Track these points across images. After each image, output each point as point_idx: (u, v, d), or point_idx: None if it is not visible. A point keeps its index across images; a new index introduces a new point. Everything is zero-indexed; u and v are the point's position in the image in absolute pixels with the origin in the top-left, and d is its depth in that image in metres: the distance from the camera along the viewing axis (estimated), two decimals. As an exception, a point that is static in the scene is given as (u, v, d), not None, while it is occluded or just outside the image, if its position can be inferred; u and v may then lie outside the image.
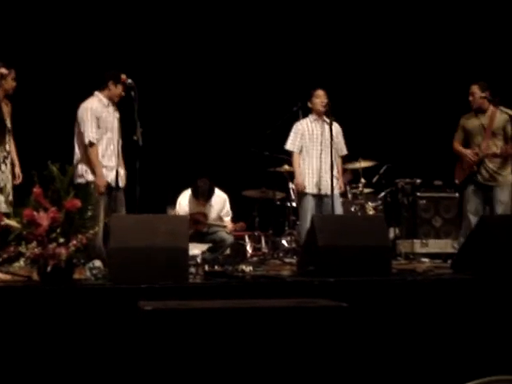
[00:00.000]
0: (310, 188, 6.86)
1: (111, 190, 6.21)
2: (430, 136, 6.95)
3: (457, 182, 6.90)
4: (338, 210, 6.83)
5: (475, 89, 6.74)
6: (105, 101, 6.24)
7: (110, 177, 6.19)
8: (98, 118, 6.14)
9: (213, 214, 7.39)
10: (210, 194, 7.21)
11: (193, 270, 5.20)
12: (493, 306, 4.45)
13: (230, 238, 7.33)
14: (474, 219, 6.51)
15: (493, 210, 6.61)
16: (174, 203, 7.59)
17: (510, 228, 5.09)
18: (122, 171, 6.29)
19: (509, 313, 4.42)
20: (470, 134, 6.80)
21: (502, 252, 4.85)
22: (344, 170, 7.63)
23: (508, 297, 4.51)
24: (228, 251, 7.57)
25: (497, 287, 4.57)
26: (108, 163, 6.19)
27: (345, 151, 7.14)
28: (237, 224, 7.52)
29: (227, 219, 7.47)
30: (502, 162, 6.67)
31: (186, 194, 7.38)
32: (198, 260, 6.18)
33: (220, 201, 7.43)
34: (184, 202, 7.32)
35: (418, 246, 8.65)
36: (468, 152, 6.71)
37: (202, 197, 7.19)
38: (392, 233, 8.97)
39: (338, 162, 7.02)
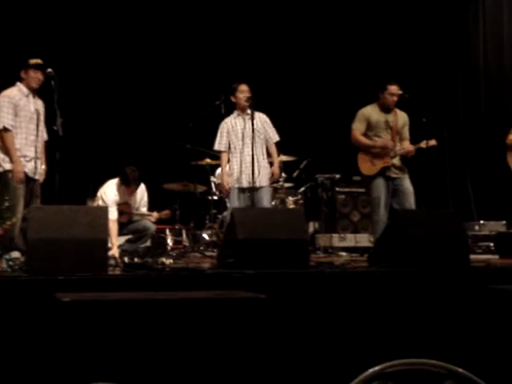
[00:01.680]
0: (238, 182, 6.90)
1: (29, 180, 6.10)
2: (349, 132, 7.07)
3: (365, 173, 6.97)
4: (267, 203, 6.91)
5: (395, 89, 6.89)
6: (25, 90, 6.17)
7: (28, 167, 6.08)
8: (16, 105, 6.06)
9: (136, 203, 7.35)
10: (140, 180, 7.16)
11: (112, 261, 5.17)
12: (406, 297, 4.60)
13: (152, 227, 7.30)
14: (385, 212, 6.68)
15: (403, 199, 6.74)
16: (93, 195, 7.50)
17: (422, 221, 5.27)
18: (41, 165, 6.21)
19: (420, 304, 4.57)
20: (375, 127, 6.88)
21: (415, 245, 5.01)
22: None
23: (420, 289, 4.67)
24: (148, 243, 7.54)
25: (410, 279, 4.72)
26: (26, 153, 6.08)
27: (276, 138, 7.08)
28: (162, 212, 7.44)
29: (144, 209, 7.40)
30: (402, 159, 6.90)
31: (111, 184, 7.24)
32: (116, 254, 6.14)
33: (141, 191, 7.39)
34: (111, 192, 7.17)
35: (336, 240, 8.82)
36: (388, 144, 6.80)
37: (134, 183, 7.09)
38: (311, 227, 9.12)
39: (272, 150, 7.05)
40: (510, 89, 10.20)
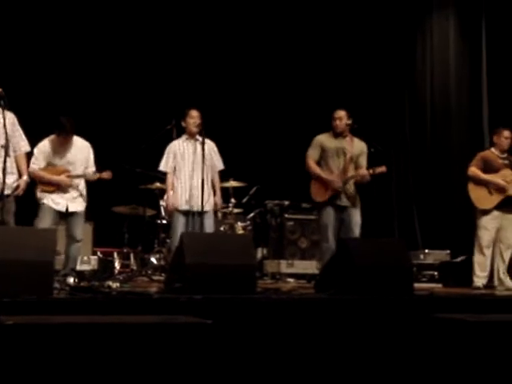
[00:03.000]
0: (182, 206, 6.90)
1: None
2: (299, 160, 7.15)
3: (315, 199, 6.97)
4: (210, 228, 6.90)
5: (343, 114, 6.96)
6: None
7: None
8: None
9: (78, 164, 6.77)
10: (74, 127, 6.66)
11: (57, 285, 5.12)
12: (350, 324, 4.65)
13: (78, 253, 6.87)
14: (333, 241, 6.72)
15: (348, 231, 6.79)
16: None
17: (368, 249, 5.35)
18: (16, 178, 6.04)
19: (364, 331, 4.63)
20: (329, 154, 6.88)
21: (361, 272, 5.09)
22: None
23: (365, 316, 4.73)
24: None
25: (355, 307, 4.79)
26: None
27: (221, 166, 7.11)
28: (103, 173, 6.84)
29: (92, 169, 6.88)
30: (355, 187, 6.94)
31: (45, 140, 6.75)
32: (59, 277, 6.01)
33: (84, 148, 6.87)
34: (43, 145, 6.69)
35: (284, 267, 8.86)
36: (333, 178, 6.84)
37: (72, 130, 6.60)
38: (260, 253, 9.16)
39: (215, 179, 7.07)
40: (455, 121, 10.44)
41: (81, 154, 6.83)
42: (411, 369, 4.49)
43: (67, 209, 6.65)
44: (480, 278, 7.02)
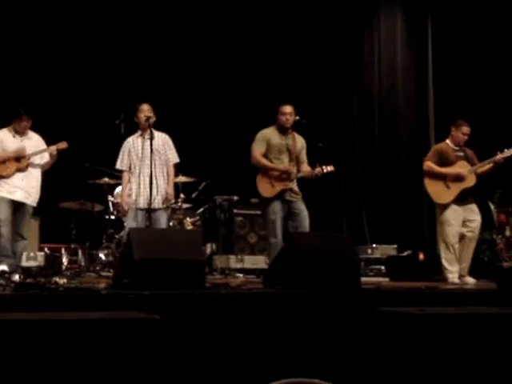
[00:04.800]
0: (136, 202, 6.84)
1: None
2: (248, 155, 7.16)
3: (263, 195, 6.93)
4: (163, 223, 6.87)
5: (292, 110, 6.94)
6: None
7: None
8: None
9: (31, 147, 6.89)
10: (29, 112, 6.82)
11: (2, 281, 5.04)
12: (299, 318, 4.69)
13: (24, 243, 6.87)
14: (280, 235, 6.74)
15: (300, 222, 6.74)
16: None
17: (316, 244, 5.39)
18: None
19: (312, 324, 4.67)
20: (274, 150, 6.87)
21: (309, 267, 5.13)
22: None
23: (313, 310, 4.77)
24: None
25: (303, 301, 4.82)
26: None
27: (176, 159, 7.06)
28: (58, 144, 6.96)
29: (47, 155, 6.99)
30: (298, 183, 6.92)
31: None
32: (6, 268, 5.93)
33: (36, 141, 6.98)
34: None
35: (233, 262, 8.87)
36: (289, 167, 6.82)
37: (26, 113, 6.75)
38: (209, 248, 9.16)
39: (169, 172, 7.01)
40: (402, 115, 10.60)
41: (34, 145, 6.88)
42: (356, 360, 4.55)
43: (21, 201, 6.72)
44: (453, 273, 6.89)
